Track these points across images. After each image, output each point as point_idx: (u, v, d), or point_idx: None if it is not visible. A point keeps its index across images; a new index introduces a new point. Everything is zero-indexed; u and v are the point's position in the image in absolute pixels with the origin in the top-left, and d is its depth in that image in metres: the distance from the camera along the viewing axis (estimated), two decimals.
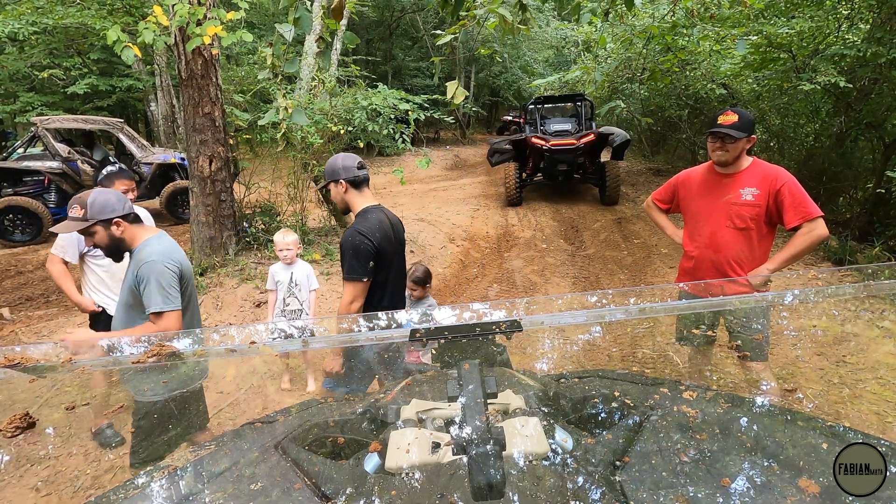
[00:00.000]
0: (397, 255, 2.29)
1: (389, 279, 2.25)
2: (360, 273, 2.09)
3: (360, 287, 2.12)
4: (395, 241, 2.28)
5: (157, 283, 1.95)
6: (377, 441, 0.85)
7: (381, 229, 2.17)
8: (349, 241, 2.11)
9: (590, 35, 9.70)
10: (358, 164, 2.22)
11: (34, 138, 7.66)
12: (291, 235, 3.27)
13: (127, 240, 2.04)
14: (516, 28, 2.89)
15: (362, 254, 2.09)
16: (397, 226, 2.35)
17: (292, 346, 1.23)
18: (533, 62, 20.64)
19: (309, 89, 6.46)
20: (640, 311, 1.21)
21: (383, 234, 2.17)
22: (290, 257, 3.23)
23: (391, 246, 2.22)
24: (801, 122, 7.94)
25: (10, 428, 0.92)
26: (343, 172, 2.21)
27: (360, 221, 2.17)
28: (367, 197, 2.27)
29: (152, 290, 1.94)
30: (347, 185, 2.22)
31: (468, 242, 7.24)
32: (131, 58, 3.65)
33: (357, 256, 2.09)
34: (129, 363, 1.11)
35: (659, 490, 0.68)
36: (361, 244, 2.09)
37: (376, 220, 2.18)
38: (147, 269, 1.96)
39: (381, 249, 2.14)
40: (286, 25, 2.91)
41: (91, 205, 1.93)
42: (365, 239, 2.09)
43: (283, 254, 3.24)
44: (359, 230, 2.11)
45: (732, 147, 2.33)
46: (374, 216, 2.19)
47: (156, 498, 0.79)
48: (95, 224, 1.95)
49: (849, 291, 1.31)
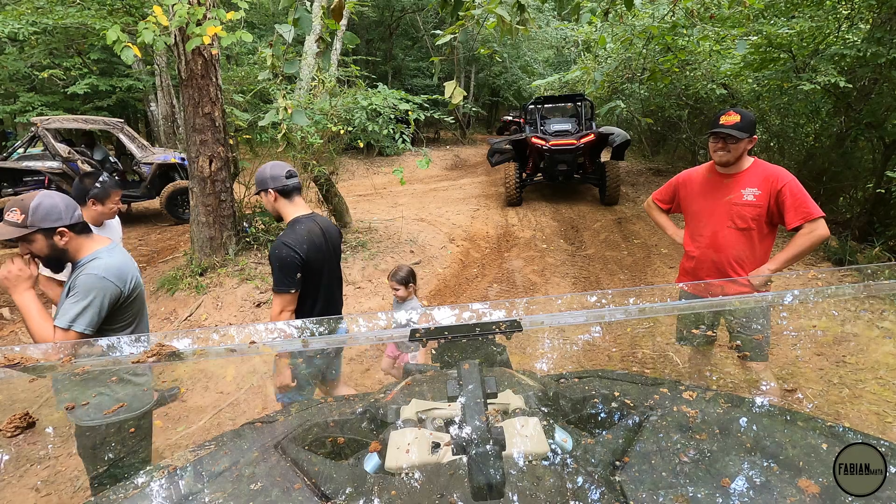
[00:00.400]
0: (329, 262, 2.34)
1: (321, 286, 2.30)
2: (287, 285, 2.15)
3: (289, 298, 2.17)
4: (328, 248, 2.32)
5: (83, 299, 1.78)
6: (377, 441, 0.85)
7: (310, 239, 2.20)
8: (276, 253, 2.15)
9: (590, 35, 9.69)
10: (287, 174, 2.25)
11: (34, 138, 7.66)
12: None
13: (71, 251, 1.84)
14: (515, 29, 2.89)
15: (288, 266, 2.13)
16: (331, 233, 2.39)
17: (292, 346, 1.23)
18: (533, 62, 20.64)
19: (309, 89, 6.46)
20: (640, 311, 1.21)
21: (311, 243, 2.20)
22: None
23: (321, 254, 2.26)
24: (801, 122, 7.94)
25: (10, 428, 0.92)
26: (271, 182, 2.23)
27: (288, 233, 2.21)
28: (297, 206, 2.31)
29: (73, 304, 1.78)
30: (276, 195, 2.25)
31: (468, 242, 7.24)
32: (131, 58, 3.65)
33: (283, 269, 2.14)
34: (129, 363, 1.11)
35: (659, 490, 0.68)
36: (288, 257, 2.13)
37: (304, 231, 2.21)
38: (84, 281, 1.80)
39: (308, 259, 2.18)
40: (286, 26, 2.91)
41: (34, 210, 1.73)
42: (291, 251, 2.13)
43: None
44: (285, 242, 2.15)
45: (734, 147, 2.33)
46: (302, 226, 2.23)
47: (156, 498, 0.79)
48: (35, 232, 1.74)
49: (849, 291, 1.31)
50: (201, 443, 0.96)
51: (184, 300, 4.92)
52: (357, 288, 5.45)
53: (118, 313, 1.93)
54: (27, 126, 9.81)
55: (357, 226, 7.37)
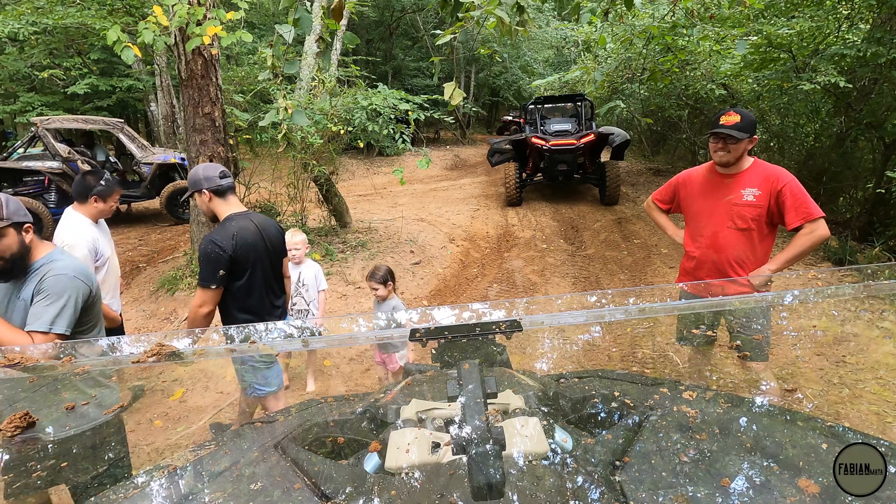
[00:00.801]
0: (264, 259, 2.36)
1: (255, 283, 2.33)
2: (208, 280, 2.19)
3: (210, 294, 2.21)
4: (265, 245, 2.36)
5: (58, 300, 1.74)
6: (377, 441, 0.85)
7: (241, 237, 2.24)
8: (202, 249, 2.20)
9: (590, 35, 9.68)
10: (220, 174, 2.31)
11: (34, 138, 7.66)
12: (299, 235, 3.28)
13: (32, 250, 1.80)
14: (514, 30, 2.89)
15: (212, 262, 2.18)
16: (270, 231, 2.41)
17: (292, 346, 1.23)
18: (533, 62, 20.64)
19: (309, 89, 6.46)
20: (640, 311, 1.21)
21: (242, 241, 2.24)
22: (297, 257, 3.24)
23: (254, 252, 2.29)
24: (801, 122, 7.94)
25: (10, 428, 0.91)
26: (205, 182, 2.29)
27: (217, 230, 2.26)
28: (232, 205, 2.35)
29: (47, 306, 1.72)
30: (211, 195, 2.30)
31: (468, 242, 7.24)
32: (131, 58, 3.65)
33: (207, 264, 2.18)
34: (129, 363, 1.11)
35: (658, 490, 0.68)
36: (213, 253, 2.17)
37: (235, 228, 2.25)
38: (54, 282, 1.74)
39: (236, 257, 2.21)
40: (286, 26, 2.91)
41: (6, 204, 1.70)
42: (217, 248, 2.17)
43: (291, 253, 3.26)
44: (212, 239, 2.20)
45: (734, 148, 2.32)
46: (234, 224, 2.27)
47: (156, 498, 0.79)
48: (9, 226, 1.70)
49: (849, 291, 1.31)
50: (201, 443, 0.96)
51: (184, 300, 4.92)
52: (357, 288, 5.45)
53: (84, 314, 1.90)
54: (27, 126, 9.80)
55: (357, 226, 7.37)
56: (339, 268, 5.76)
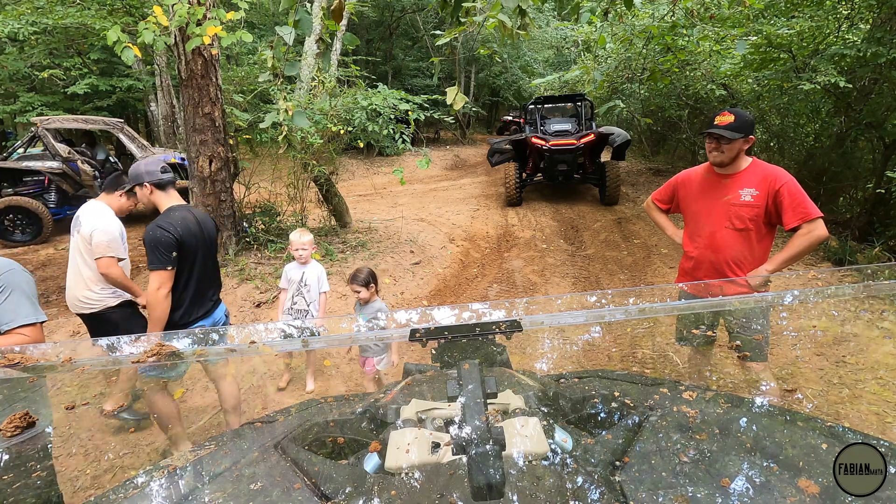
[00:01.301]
0: (202, 250, 2.48)
1: (194, 271, 2.45)
2: (163, 262, 2.29)
3: (166, 275, 2.31)
4: (203, 236, 2.48)
5: (22, 292, 1.78)
6: (377, 441, 0.85)
7: (184, 224, 2.36)
8: (150, 234, 2.29)
9: (589, 35, 9.69)
10: (161, 168, 2.44)
11: (34, 138, 7.66)
12: (307, 236, 3.29)
13: None
14: (515, 33, 2.89)
15: (164, 244, 2.28)
16: (206, 224, 2.55)
17: (292, 346, 1.23)
18: (533, 62, 20.64)
19: (309, 89, 6.46)
20: (639, 312, 1.21)
21: (185, 228, 2.36)
22: (304, 257, 3.25)
23: (195, 240, 2.41)
24: (801, 122, 7.94)
25: (9, 427, 0.91)
26: (147, 176, 2.41)
27: (162, 217, 2.37)
28: (172, 198, 2.48)
29: (19, 301, 1.76)
30: (152, 188, 2.43)
31: (468, 242, 7.24)
32: (131, 58, 3.65)
33: (158, 247, 2.28)
34: (129, 363, 1.11)
35: (658, 490, 0.68)
36: (162, 236, 2.28)
37: (179, 217, 2.38)
38: (10, 278, 1.77)
39: (183, 241, 2.33)
40: (286, 28, 2.91)
41: None
42: (165, 231, 2.28)
43: (297, 253, 3.26)
44: (159, 224, 2.31)
45: (728, 148, 2.32)
46: (177, 213, 2.39)
47: (156, 498, 0.80)
48: None
49: (849, 292, 1.31)
50: (201, 443, 0.96)
51: None
52: None
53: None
54: (27, 126, 9.81)
55: (357, 226, 7.37)
56: (339, 268, 5.76)
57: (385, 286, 5.55)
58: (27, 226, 7.31)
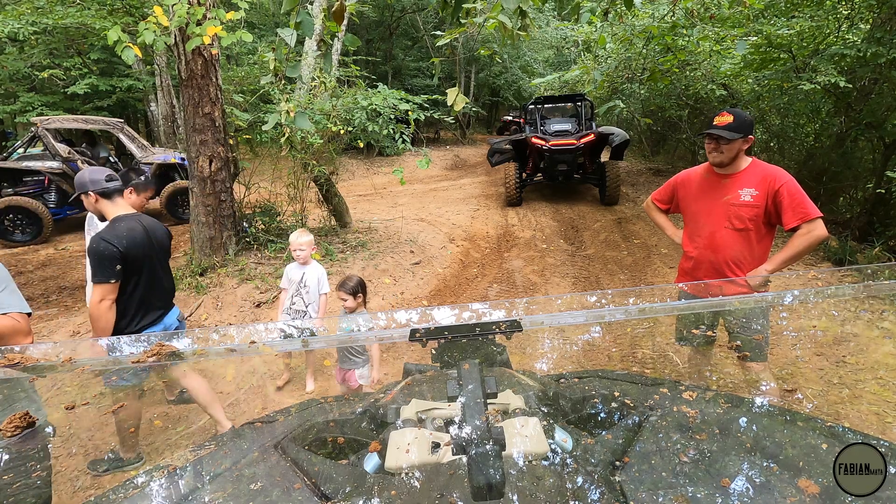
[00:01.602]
0: (150, 259, 2.51)
1: (141, 280, 2.47)
2: (106, 276, 2.31)
3: (109, 288, 2.33)
4: (152, 245, 2.52)
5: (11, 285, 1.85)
6: (377, 441, 0.85)
7: (129, 236, 2.38)
8: (93, 248, 2.31)
9: (590, 35, 9.68)
10: (106, 177, 2.45)
11: (34, 138, 7.66)
12: (306, 236, 3.27)
13: None
14: (516, 34, 2.89)
15: (107, 258, 2.30)
16: (157, 233, 2.59)
17: (292, 346, 1.23)
18: (533, 62, 20.64)
19: (309, 90, 6.47)
20: (639, 312, 1.21)
21: (131, 240, 2.38)
22: (303, 258, 3.23)
23: (142, 250, 2.44)
24: (801, 122, 7.94)
25: (9, 427, 0.91)
26: (90, 185, 2.42)
27: (107, 229, 2.38)
28: (119, 206, 2.50)
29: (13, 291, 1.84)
30: (97, 196, 2.44)
31: (468, 242, 7.24)
32: (132, 58, 3.65)
33: (102, 261, 2.30)
34: (129, 363, 1.11)
35: (658, 490, 0.68)
36: (105, 250, 2.29)
37: (125, 228, 2.39)
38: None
39: (128, 253, 2.35)
40: (288, 30, 2.91)
41: None
42: (109, 245, 2.30)
43: (296, 253, 3.24)
44: (103, 237, 2.32)
45: (727, 148, 2.32)
46: (123, 224, 2.41)
47: (156, 498, 0.80)
48: None
49: (849, 292, 1.31)
50: (201, 443, 0.96)
51: (184, 300, 4.92)
52: None
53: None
54: (27, 126, 9.81)
55: (357, 226, 7.37)
56: (339, 268, 5.76)
57: (385, 286, 5.55)
58: (27, 226, 7.31)
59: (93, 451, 1.93)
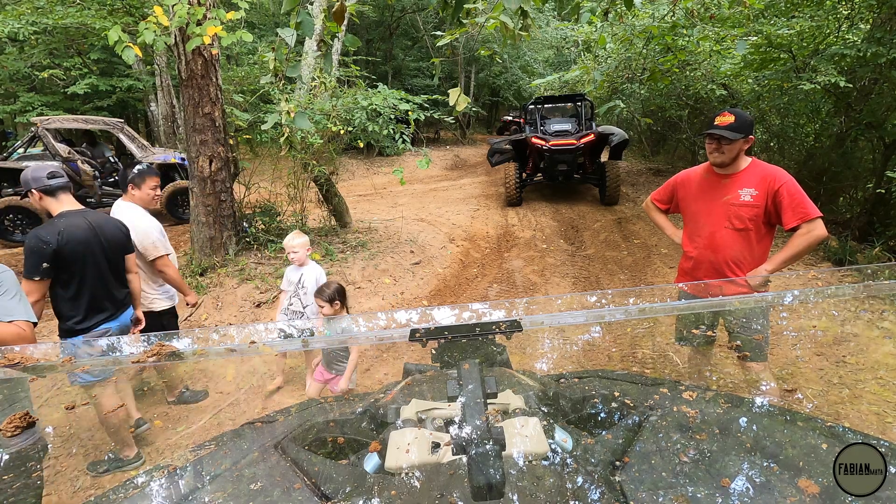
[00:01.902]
0: (98, 256, 2.49)
1: (86, 277, 2.47)
2: (31, 272, 2.31)
3: (34, 285, 2.32)
4: (98, 241, 2.49)
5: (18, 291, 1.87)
6: (377, 441, 0.85)
7: (68, 233, 2.37)
8: (26, 243, 2.33)
9: (590, 35, 9.68)
10: (49, 175, 2.44)
11: (34, 138, 7.66)
12: (299, 238, 3.24)
13: None
14: (517, 34, 2.89)
15: (35, 255, 2.30)
16: (105, 228, 2.55)
17: (292, 346, 1.23)
18: (533, 62, 20.64)
19: (309, 90, 6.47)
20: (639, 312, 1.21)
21: (70, 235, 2.36)
22: (295, 259, 3.22)
23: (83, 246, 2.41)
24: (801, 123, 7.93)
25: (9, 427, 0.91)
26: (32, 182, 2.43)
27: (44, 226, 2.39)
28: (64, 203, 2.47)
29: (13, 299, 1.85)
30: (41, 194, 2.44)
31: (468, 242, 7.24)
32: (132, 58, 3.65)
33: (30, 257, 2.31)
34: (129, 363, 1.11)
35: (658, 490, 0.68)
36: (35, 247, 2.30)
37: (64, 224, 2.38)
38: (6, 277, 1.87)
39: (61, 251, 2.34)
40: (288, 30, 2.91)
41: None
42: (40, 242, 2.30)
43: (290, 256, 3.24)
44: (36, 234, 2.33)
45: (728, 148, 2.32)
46: (64, 220, 2.40)
47: (156, 498, 0.80)
48: None
49: (849, 292, 1.31)
50: (201, 443, 0.96)
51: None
52: (357, 288, 5.45)
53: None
54: (27, 126, 9.80)
55: (357, 226, 7.37)
56: (339, 268, 5.76)
57: (385, 286, 5.55)
58: (27, 226, 7.31)
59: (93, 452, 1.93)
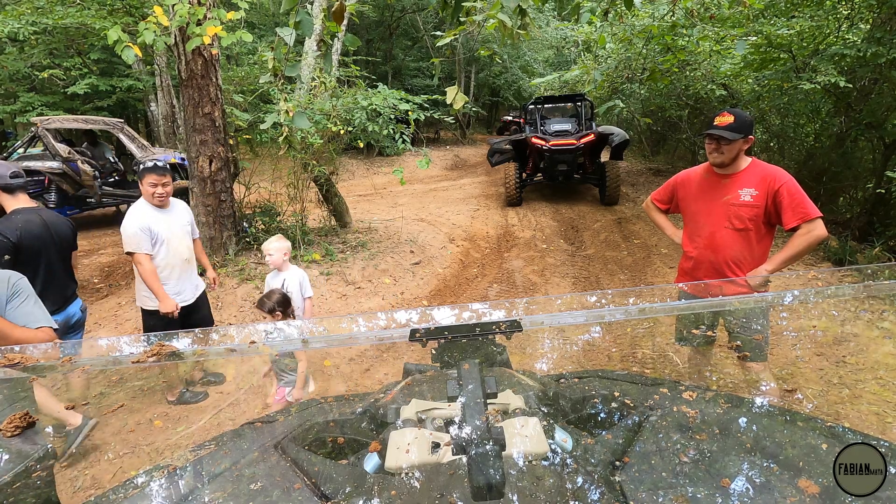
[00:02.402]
0: (51, 251, 2.59)
1: (39, 271, 2.55)
2: None
3: None
4: (51, 238, 2.59)
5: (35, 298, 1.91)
6: (377, 441, 0.85)
7: (25, 227, 2.47)
8: None
9: (590, 35, 9.68)
10: (11, 174, 2.53)
11: (34, 138, 7.66)
12: (277, 242, 3.14)
13: None
14: (516, 33, 2.90)
15: None
16: (57, 225, 2.66)
17: (292, 346, 1.23)
18: (533, 62, 20.63)
19: (309, 90, 6.47)
20: (639, 312, 1.21)
21: (26, 231, 2.47)
22: (273, 262, 3.14)
23: (38, 242, 2.52)
24: (802, 123, 7.94)
25: (9, 427, 0.91)
26: None
27: (2, 220, 2.48)
28: (20, 201, 2.57)
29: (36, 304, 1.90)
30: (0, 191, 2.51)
31: (468, 242, 7.24)
32: (132, 58, 3.65)
33: None
34: (129, 363, 1.11)
35: (658, 490, 0.68)
36: None
37: (21, 220, 2.48)
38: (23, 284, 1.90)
39: (20, 245, 2.44)
40: (287, 29, 2.91)
41: None
42: (1, 236, 2.39)
43: (266, 258, 3.18)
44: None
45: (728, 148, 2.32)
46: (20, 217, 2.50)
47: (156, 498, 0.80)
48: None
49: (849, 292, 1.31)
50: (201, 443, 0.96)
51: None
52: (357, 288, 5.45)
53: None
54: (27, 126, 9.80)
55: (357, 226, 7.37)
56: (339, 268, 5.76)
57: (385, 286, 5.55)
58: None
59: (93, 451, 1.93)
